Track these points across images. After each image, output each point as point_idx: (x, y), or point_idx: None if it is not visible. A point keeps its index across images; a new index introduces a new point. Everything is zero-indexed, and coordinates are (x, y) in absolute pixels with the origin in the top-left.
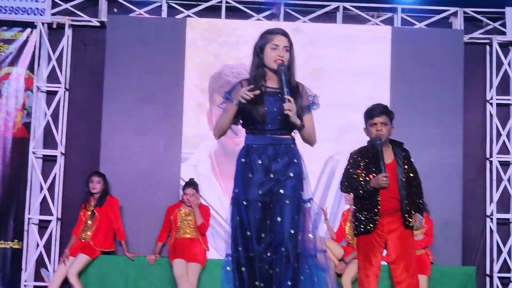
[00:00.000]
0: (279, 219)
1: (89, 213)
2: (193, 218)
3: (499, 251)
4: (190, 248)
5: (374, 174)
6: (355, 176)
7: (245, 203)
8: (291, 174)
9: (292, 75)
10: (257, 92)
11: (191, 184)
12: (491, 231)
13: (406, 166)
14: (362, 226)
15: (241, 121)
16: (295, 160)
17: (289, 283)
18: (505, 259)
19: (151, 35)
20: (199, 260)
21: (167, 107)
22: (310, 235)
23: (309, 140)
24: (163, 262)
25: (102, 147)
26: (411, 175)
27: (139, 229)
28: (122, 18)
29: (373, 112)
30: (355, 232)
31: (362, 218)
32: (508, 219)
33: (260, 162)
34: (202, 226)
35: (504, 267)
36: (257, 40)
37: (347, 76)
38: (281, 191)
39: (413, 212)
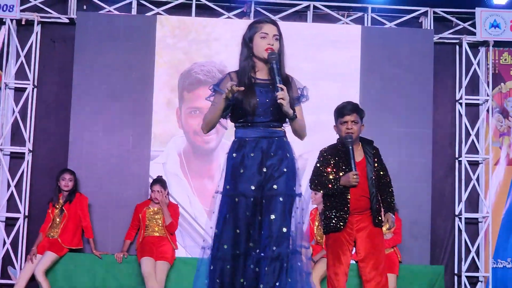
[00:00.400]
0: (272, 217)
1: (57, 210)
2: (162, 216)
3: (467, 251)
4: (158, 246)
5: (344, 172)
6: (325, 174)
7: (236, 199)
8: (285, 170)
9: (282, 65)
10: (241, 88)
11: (159, 181)
12: (460, 230)
13: (376, 164)
14: (332, 224)
15: (229, 115)
16: (288, 155)
17: (278, 283)
18: (473, 258)
19: (120, 32)
20: (167, 258)
21: (136, 105)
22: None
23: (300, 133)
24: (131, 260)
25: (70, 144)
26: (381, 173)
27: (107, 227)
28: (92, 15)
29: (344, 110)
30: (325, 230)
31: (332, 216)
32: (477, 218)
33: (252, 155)
34: (171, 226)
35: (472, 267)
36: (245, 31)
37: (317, 75)
38: (275, 186)
39: (383, 211)
